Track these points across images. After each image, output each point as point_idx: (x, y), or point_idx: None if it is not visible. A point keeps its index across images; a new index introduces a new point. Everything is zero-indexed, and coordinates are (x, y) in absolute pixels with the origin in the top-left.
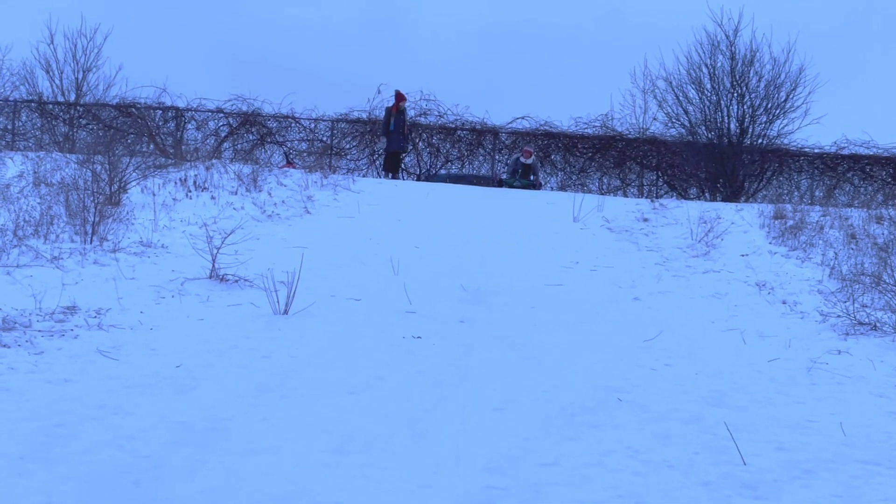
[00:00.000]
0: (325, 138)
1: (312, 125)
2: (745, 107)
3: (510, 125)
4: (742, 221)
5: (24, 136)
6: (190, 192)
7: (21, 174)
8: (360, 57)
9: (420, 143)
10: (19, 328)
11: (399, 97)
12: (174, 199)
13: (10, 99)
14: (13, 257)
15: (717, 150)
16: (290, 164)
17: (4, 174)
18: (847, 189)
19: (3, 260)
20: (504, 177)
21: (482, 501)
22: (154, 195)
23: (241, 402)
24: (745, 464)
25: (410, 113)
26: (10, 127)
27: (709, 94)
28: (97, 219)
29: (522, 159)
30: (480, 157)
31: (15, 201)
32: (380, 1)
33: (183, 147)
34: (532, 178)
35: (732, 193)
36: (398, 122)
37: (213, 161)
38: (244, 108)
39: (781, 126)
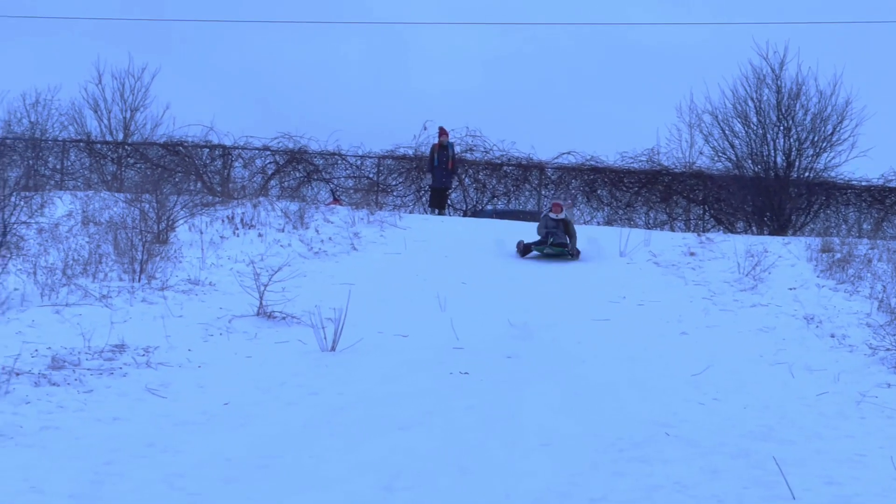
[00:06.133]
0: (371, 175)
1: (359, 162)
2: (791, 140)
3: (556, 160)
4: (789, 255)
5: (72, 175)
6: (237, 229)
7: (70, 213)
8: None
9: (466, 179)
10: (69, 367)
11: (441, 132)
12: (221, 237)
13: (59, 139)
14: (62, 296)
15: (764, 183)
16: (336, 201)
17: (54, 213)
18: (895, 222)
19: (52, 299)
20: (533, 239)
21: None
22: (201, 233)
23: (289, 439)
24: (794, 498)
25: (457, 149)
26: (59, 166)
27: (755, 128)
28: (145, 257)
29: (552, 216)
30: (526, 193)
31: (64, 240)
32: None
33: (230, 185)
34: (567, 239)
35: (779, 227)
36: (442, 157)
37: (260, 199)
38: (290, 146)
39: (828, 159)
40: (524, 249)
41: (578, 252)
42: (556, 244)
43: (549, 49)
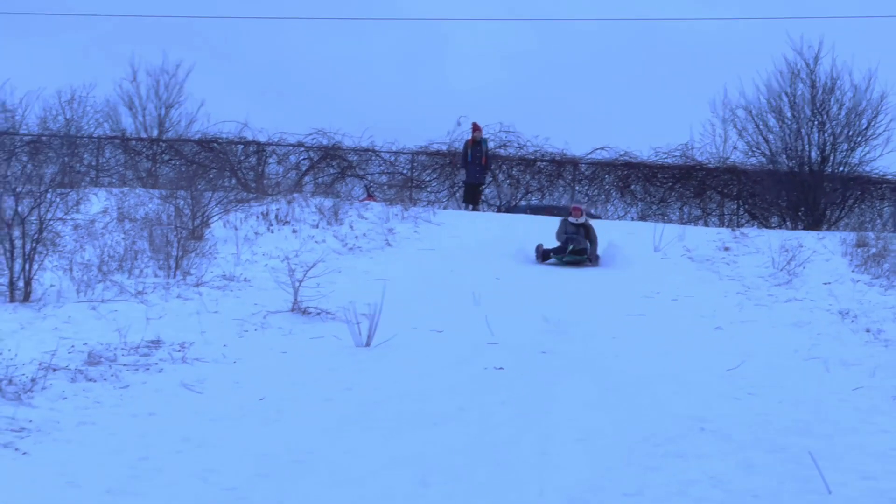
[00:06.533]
0: (405, 171)
1: (393, 158)
2: (826, 135)
3: (590, 156)
4: (824, 250)
5: (107, 172)
6: (272, 225)
7: (105, 210)
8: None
9: (500, 175)
10: (105, 362)
11: (474, 128)
12: (256, 233)
13: (95, 135)
14: (98, 292)
15: (798, 178)
16: (370, 196)
17: (89, 210)
18: None
19: (88, 295)
20: (551, 244)
21: None
22: (236, 229)
23: (324, 434)
24: (830, 493)
25: (490, 145)
26: (94, 163)
27: (789, 123)
28: (180, 253)
29: (571, 220)
30: (560, 188)
31: (99, 237)
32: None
33: (264, 181)
34: (587, 244)
35: (814, 222)
36: (476, 153)
37: (295, 195)
38: (324, 142)
39: (863, 153)
40: (543, 255)
41: (598, 258)
42: (576, 251)
43: (582, 44)
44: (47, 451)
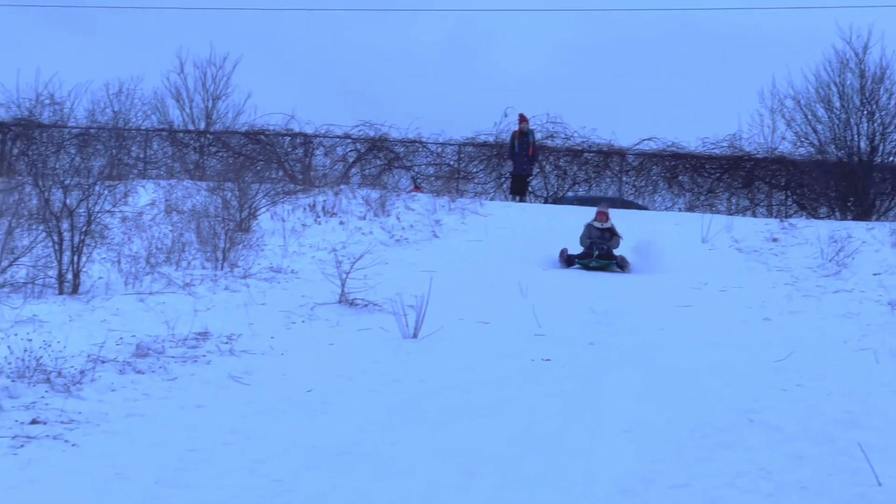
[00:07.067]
0: (452, 162)
1: (439, 149)
2: (875, 124)
3: (637, 147)
4: (873, 240)
5: (155, 164)
6: (319, 217)
7: (153, 202)
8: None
9: (547, 166)
10: (153, 354)
11: (521, 119)
12: (303, 225)
13: (142, 128)
14: (146, 284)
15: (847, 168)
16: (417, 188)
17: (137, 202)
18: None
19: (136, 287)
20: (577, 250)
21: None
22: (283, 221)
23: (372, 425)
24: (880, 485)
25: (537, 136)
26: (142, 156)
27: (838, 113)
28: (228, 245)
29: (597, 224)
30: (607, 179)
31: (147, 229)
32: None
33: (311, 173)
34: (614, 249)
35: (863, 212)
36: (523, 144)
37: (342, 186)
38: (371, 134)
39: None
40: (567, 261)
41: (628, 263)
42: (603, 256)
43: (628, 34)
44: (96, 442)
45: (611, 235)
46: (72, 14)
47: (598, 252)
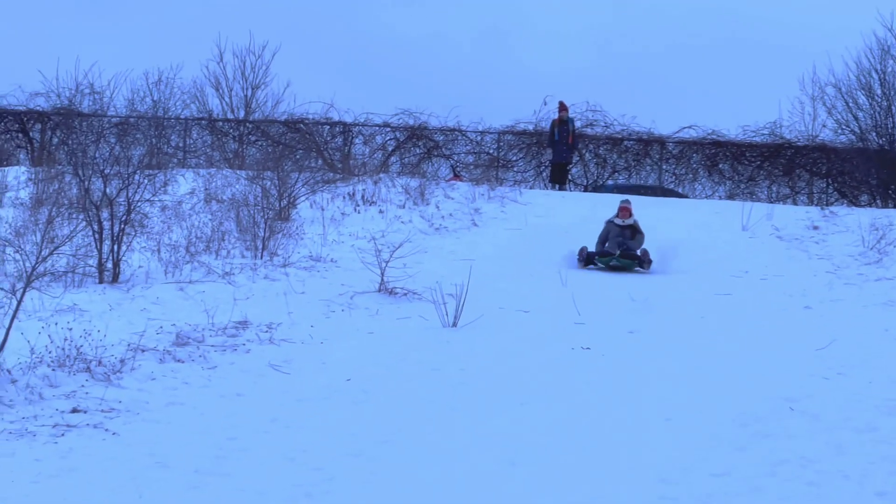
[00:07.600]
0: (491, 150)
1: (479, 138)
2: None
3: (677, 134)
4: None
5: (194, 153)
6: (358, 206)
7: (192, 191)
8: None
9: (586, 154)
10: (193, 343)
11: (561, 107)
12: (343, 214)
13: (182, 117)
14: (186, 273)
15: (889, 156)
16: (457, 176)
17: (176, 191)
18: None
19: (176, 276)
20: (594, 248)
21: None
22: (323, 210)
23: (412, 414)
24: None
25: (577, 124)
26: (181, 144)
27: (879, 100)
28: (267, 234)
29: (618, 221)
30: (647, 168)
31: (187, 218)
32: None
33: (351, 162)
34: (637, 248)
35: None
36: (562, 132)
37: (381, 175)
38: (411, 122)
39: None
40: (586, 259)
41: (651, 262)
42: (624, 256)
43: (668, 22)
44: (136, 431)
45: (632, 234)
46: (112, 2)
47: (621, 251)
